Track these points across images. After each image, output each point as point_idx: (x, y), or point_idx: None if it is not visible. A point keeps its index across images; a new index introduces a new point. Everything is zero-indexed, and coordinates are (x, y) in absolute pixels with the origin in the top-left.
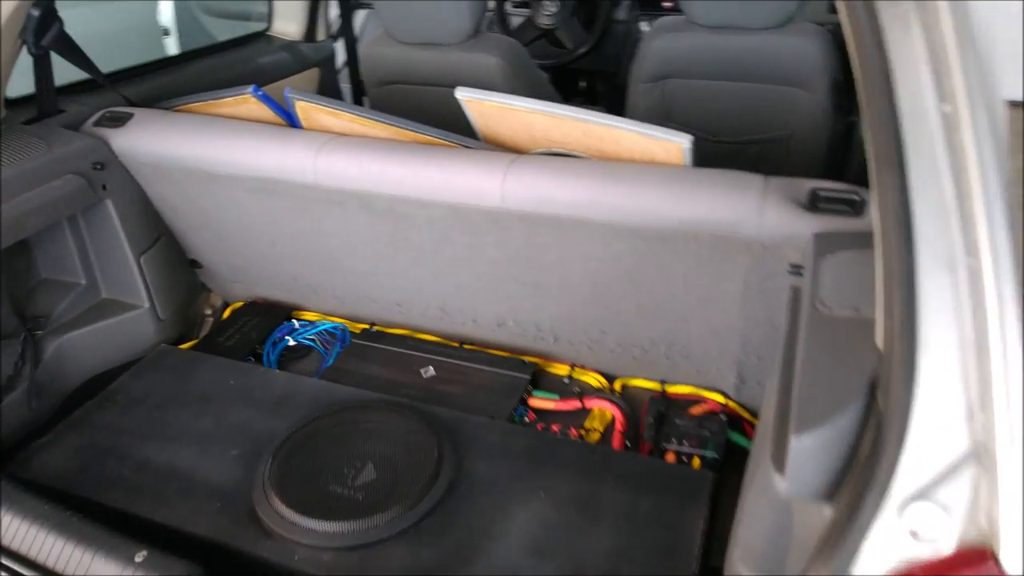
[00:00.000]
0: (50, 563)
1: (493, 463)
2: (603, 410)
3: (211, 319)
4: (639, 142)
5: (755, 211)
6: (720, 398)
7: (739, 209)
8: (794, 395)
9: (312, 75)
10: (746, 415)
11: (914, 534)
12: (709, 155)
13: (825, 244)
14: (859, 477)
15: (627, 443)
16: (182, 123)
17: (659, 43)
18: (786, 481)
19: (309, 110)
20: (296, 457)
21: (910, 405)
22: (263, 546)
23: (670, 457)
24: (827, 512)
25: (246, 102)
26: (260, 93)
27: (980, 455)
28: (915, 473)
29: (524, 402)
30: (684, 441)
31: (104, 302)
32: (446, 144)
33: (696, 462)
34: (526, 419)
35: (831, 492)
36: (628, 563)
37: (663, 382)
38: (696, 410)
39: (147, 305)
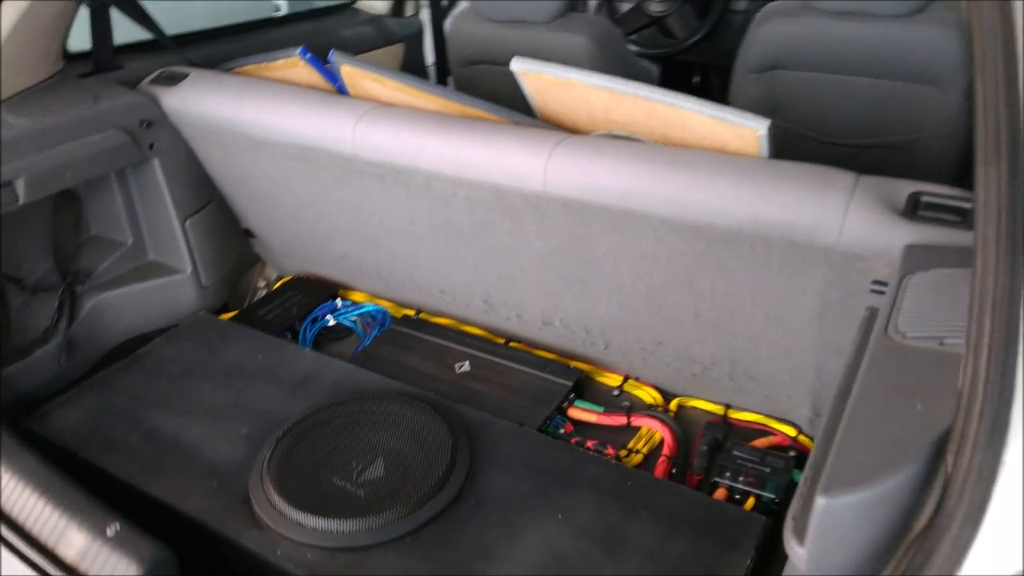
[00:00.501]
0: (21, 519)
1: (511, 475)
2: (652, 430)
3: (264, 291)
4: (708, 126)
5: (838, 213)
6: (791, 431)
7: (819, 210)
8: (836, 442)
9: (396, 51)
10: None
11: None
12: (815, 158)
13: (917, 259)
14: (909, 558)
15: (673, 471)
16: (231, 85)
17: (769, 29)
18: (806, 553)
19: (354, 76)
20: (303, 444)
21: (995, 471)
22: (248, 535)
23: (720, 493)
24: None
25: (295, 65)
26: (308, 55)
27: None
28: (989, 561)
29: (563, 411)
30: (740, 477)
31: (149, 264)
32: (494, 119)
33: (750, 503)
34: (562, 431)
35: (867, 572)
36: None
37: (728, 406)
38: (760, 442)
39: (189, 270)
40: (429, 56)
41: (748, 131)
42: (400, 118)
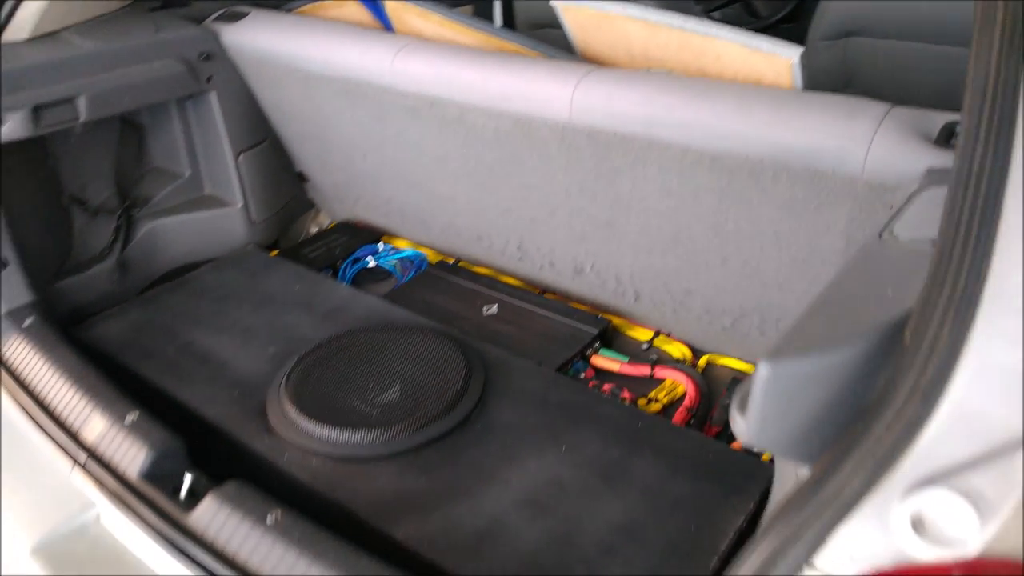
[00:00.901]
0: (54, 404)
1: (521, 408)
2: (675, 383)
3: None
4: (742, 57)
5: (864, 139)
6: None
7: (844, 136)
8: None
9: (466, 11)
10: None
11: (917, 526)
12: None
13: (935, 178)
14: (853, 434)
15: (691, 422)
16: (286, 22)
17: None
18: (745, 424)
19: (398, 10)
20: (325, 364)
21: (957, 348)
22: (259, 440)
23: (737, 445)
24: (802, 474)
25: (347, 4)
26: None
27: None
28: (943, 445)
29: (586, 358)
30: None
31: (205, 197)
32: (531, 54)
33: (766, 457)
34: (582, 376)
35: (813, 451)
36: (632, 542)
37: (757, 364)
38: None
39: (240, 204)
40: (498, 19)
41: (781, 60)
42: (436, 50)
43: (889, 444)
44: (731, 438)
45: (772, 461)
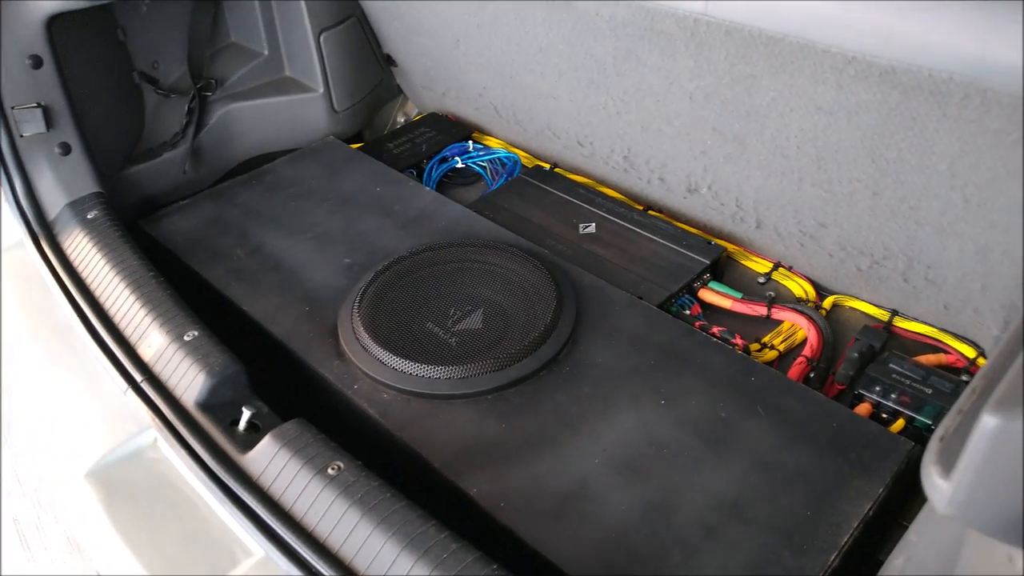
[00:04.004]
0: (112, 311)
1: (617, 348)
2: (795, 326)
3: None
4: None
5: None
6: (970, 352)
7: None
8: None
9: None
10: None
11: None
12: None
13: None
14: None
15: (810, 375)
16: None
17: None
18: (950, 490)
19: None
20: (402, 282)
21: None
22: (328, 365)
23: (863, 408)
24: (1019, 564)
25: None
26: None
27: None
28: None
29: (693, 291)
30: (893, 394)
31: (284, 80)
32: None
33: (898, 425)
34: (687, 312)
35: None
36: (739, 523)
37: (895, 312)
38: (927, 359)
39: (322, 90)
40: None
41: None
42: None
43: None
44: (857, 399)
45: (910, 438)
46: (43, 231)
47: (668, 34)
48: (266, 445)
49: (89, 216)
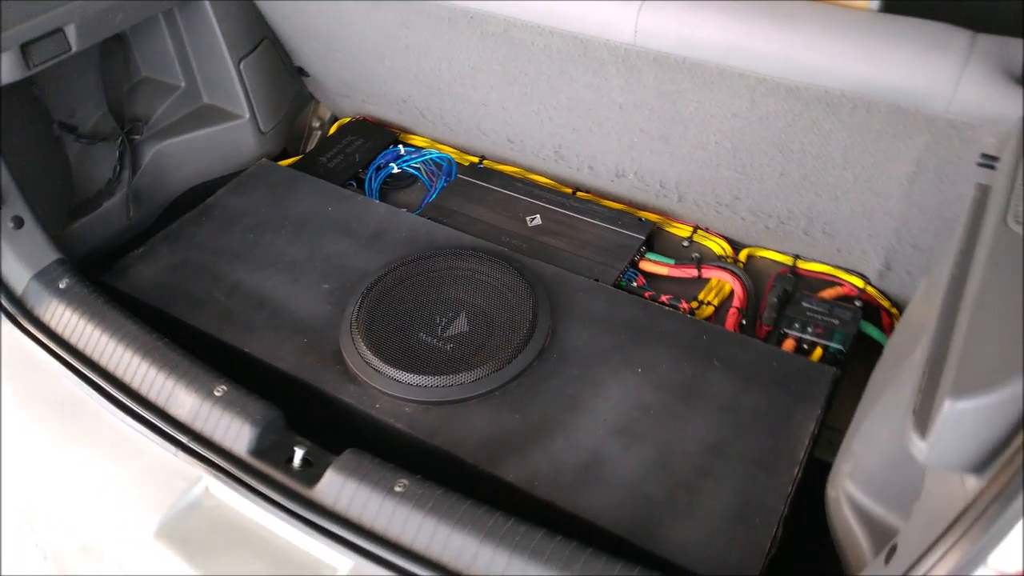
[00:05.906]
0: (127, 378)
1: (591, 331)
2: (722, 282)
3: (318, 132)
4: None
5: (951, 78)
6: (859, 282)
7: (931, 74)
8: (957, 338)
9: None
10: (886, 304)
11: None
12: None
13: None
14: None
15: (743, 322)
16: None
17: None
18: (927, 448)
19: None
20: (387, 299)
21: None
22: (346, 391)
23: (788, 344)
24: (970, 484)
25: None
26: None
27: None
28: None
29: (634, 264)
30: (808, 328)
31: (205, 108)
32: None
33: (817, 353)
34: (634, 283)
35: (981, 464)
36: (722, 460)
37: (796, 257)
38: (828, 293)
39: (248, 115)
40: None
41: None
42: None
43: None
44: (783, 337)
45: (827, 362)
46: (17, 309)
47: (600, 60)
48: (332, 476)
49: (61, 286)
